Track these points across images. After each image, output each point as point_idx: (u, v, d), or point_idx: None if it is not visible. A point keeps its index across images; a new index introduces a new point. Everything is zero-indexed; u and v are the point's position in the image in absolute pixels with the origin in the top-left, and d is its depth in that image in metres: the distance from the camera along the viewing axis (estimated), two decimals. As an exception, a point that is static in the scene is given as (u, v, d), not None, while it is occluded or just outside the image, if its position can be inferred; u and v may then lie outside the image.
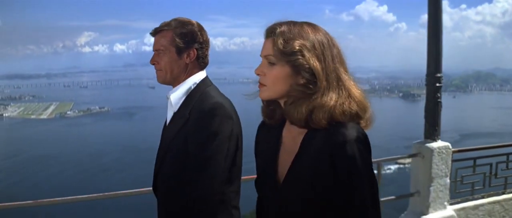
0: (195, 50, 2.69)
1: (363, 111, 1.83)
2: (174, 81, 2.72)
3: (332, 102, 1.77)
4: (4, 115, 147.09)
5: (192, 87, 2.68)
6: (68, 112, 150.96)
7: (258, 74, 1.90)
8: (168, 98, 2.74)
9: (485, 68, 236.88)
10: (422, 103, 6.29)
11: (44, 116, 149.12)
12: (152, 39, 2.75)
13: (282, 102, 1.92)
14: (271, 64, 1.84)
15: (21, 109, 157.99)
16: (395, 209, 7.13)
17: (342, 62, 1.86)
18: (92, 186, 56.70)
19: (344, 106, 1.78)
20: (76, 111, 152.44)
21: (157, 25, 2.74)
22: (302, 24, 1.86)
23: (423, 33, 5.91)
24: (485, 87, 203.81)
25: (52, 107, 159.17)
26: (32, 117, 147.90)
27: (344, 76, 1.84)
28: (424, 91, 6.07)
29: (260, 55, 1.91)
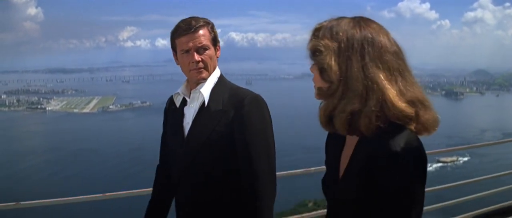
0: (219, 45, 2.73)
1: (404, 116, 1.62)
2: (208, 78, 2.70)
3: (354, 108, 1.63)
4: (47, 108, 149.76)
5: (216, 81, 2.69)
6: (110, 106, 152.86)
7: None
8: (182, 94, 2.75)
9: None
10: (465, 102, 6.27)
11: (86, 110, 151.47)
12: None
13: None
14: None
15: (64, 102, 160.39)
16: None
17: (385, 61, 1.66)
18: (133, 180, 57.29)
19: (372, 113, 1.61)
20: (118, 105, 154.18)
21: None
22: (342, 19, 1.72)
23: (467, 31, 5.85)
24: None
25: (94, 102, 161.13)
26: (75, 110, 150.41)
27: (380, 78, 1.63)
28: (467, 90, 6.08)
29: None
